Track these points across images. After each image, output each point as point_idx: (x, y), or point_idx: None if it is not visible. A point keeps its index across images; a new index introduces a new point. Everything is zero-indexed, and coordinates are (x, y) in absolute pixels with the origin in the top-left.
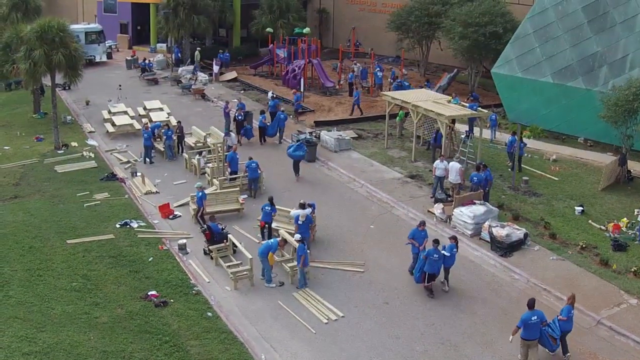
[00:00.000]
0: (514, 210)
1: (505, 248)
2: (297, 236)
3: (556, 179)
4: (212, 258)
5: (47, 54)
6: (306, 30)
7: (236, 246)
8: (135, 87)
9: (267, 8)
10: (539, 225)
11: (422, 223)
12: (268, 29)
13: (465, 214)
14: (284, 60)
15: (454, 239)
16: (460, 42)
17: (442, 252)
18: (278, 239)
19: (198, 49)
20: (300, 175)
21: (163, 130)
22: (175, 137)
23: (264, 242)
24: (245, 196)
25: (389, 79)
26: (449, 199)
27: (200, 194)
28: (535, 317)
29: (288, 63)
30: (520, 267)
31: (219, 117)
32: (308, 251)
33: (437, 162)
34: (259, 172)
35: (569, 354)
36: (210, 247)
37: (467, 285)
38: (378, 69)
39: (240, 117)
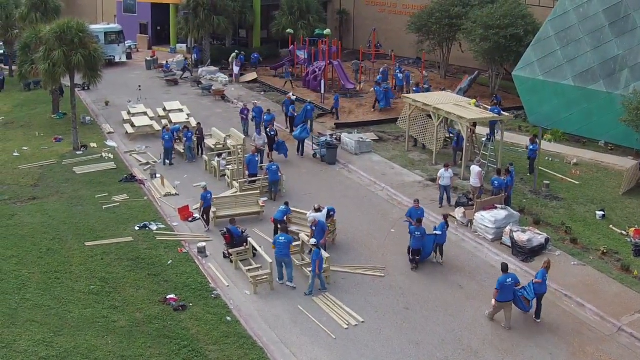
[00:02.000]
0: (535, 214)
1: (527, 253)
2: (313, 241)
3: (577, 183)
4: (231, 262)
5: (66, 54)
6: (326, 31)
7: (256, 250)
8: (155, 87)
9: (287, 9)
10: (560, 230)
11: (417, 201)
12: (288, 30)
13: (486, 219)
14: (304, 61)
15: (444, 217)
16: (481, 45)
17: (434, 232)
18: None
19: (236, 51)
20: (302, 155)
21: (183, 132)
22: (195, 139)
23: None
24: (266, 199)
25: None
26: (469, 202)
27: (208, 195)
28: (510, 280)
29: (308, 64)
30: None
31: (239, 118)
32: (327, 255)
33: (442, 171)
34: (280, 174)
35: (539, 320)
36: (230, 251)
37: (488, 291)
38: (398, 70)
39: (272, 133)
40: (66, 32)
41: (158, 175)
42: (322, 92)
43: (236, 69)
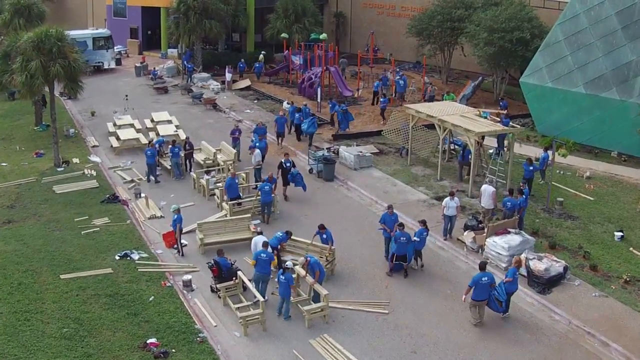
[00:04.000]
0: (550, 236)
1: (544, 284)
2: (289, 263)
3: (591, 198)
4: (219, 297)
5: (44, 65)
6: (323, 36)
7: (246, 284)
8: (143, 96)
9: (282, 12)
10: (578, 255)
11: (390, 207)
12: (283, 35)
13: (499, 245)
14: (300, 67)
15: (423, 223)
16: (486, 49)
17: (413, 238)
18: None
19: (263, 52)
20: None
21: (169, 147)
22: (182, 154)
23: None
24: (258, 222)
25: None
26: (479, 225)
27: (176, 217)
28: (486, 279)
29: (304, 70)
30: (560, 306)
31: (230, 129)
32: (325, 292)
33: (447, 199)
34: (273, 195)
35: (507, 313)
36: (218, 286)
37: (503, 327)
38: (399, 76)
39: (288, 164)
40: (44, 41)
41: (143, 195)
42: (318, 100)
43: (228, 76)
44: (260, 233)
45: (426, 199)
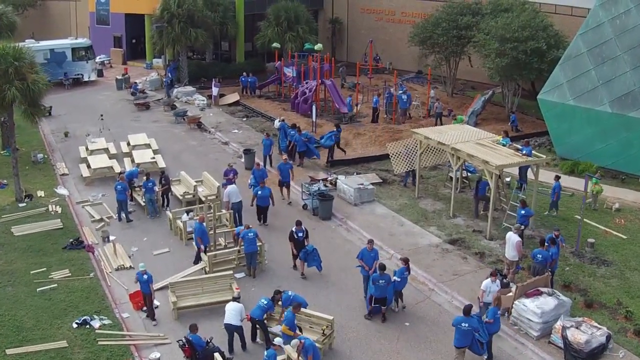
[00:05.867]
0: (584, 290)
1: (584, 358)
2: (278, 340)
3: (624, 237)
4: None
5: None
6: (318, 46)
7: None
8: (123, 112)
9: (273, 19)
10: (618, 314)
11: (370, 241)
12: (275, 45)
13: (530, 310)
14: (293, 80)
15: (405, 261)
16: (497, 61)
17: (393, 277)
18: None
19: (343, 67)
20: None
21: (143, 182)
22: (158, 189)
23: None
24: (242, 275)
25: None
26: (504, 280)
27: (145, 277)
28: (467, 325)
29: (297, 84)
30: None
31: (216, 153)
32: None
33: (487, 282)
34: (259, 244)
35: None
36: None
37: None
38: (402, 90)
39: (300, 235)
40: None
41: (112, 238)
42: (314, 118)
43: (215, 90)
44: (237, 299)
45: (439, 242)
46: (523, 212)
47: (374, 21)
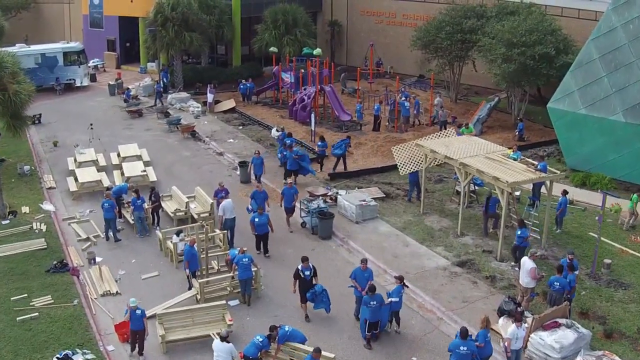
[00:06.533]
0: (602, 317)
1: None
2: None
3: None
4: None
5: None
6: (317, 51)
7: None
8: (115, 120)
9: (270, 22)
10: (639, 344)
11: (364, 261)
12: (272, 49)
13: (547, 344)
14: (291, 86)
15: (400, 279)
16: (504, 66)
17: (390, 298)
18: None
19: (345, 73)
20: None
21: (131, 199)
22: (148, 206)
23: None
24: (237, 303)
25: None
26: (517, 308)
27: (138, 312)
28: (465, 348)
29: (296, 90)
30: None
31: (210, 165)
32: None
33: (513, 329)
34: (254, 269)
35: None
36: None
37: None
38: (404, 97)
39: (307, 273)
40: None
41: (98, 260)
42: (313, 127)
43: (210, 97)
44: (225, 338)
45: (447, 265)
46: (519, 232)
47: (374, 24)
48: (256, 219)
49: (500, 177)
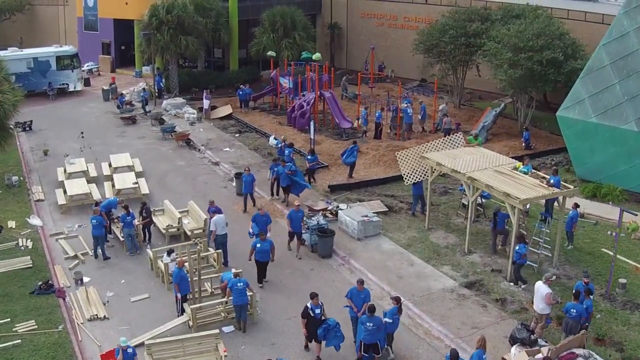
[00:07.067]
0: (619, 343)
1: None
2: None
3: None
4: None
5: None
6: (316, 56)
7: None
8: (108, 127)
9: (268, 25)
10: None
11: (361, 282)
12: (270, 53)
13: None
14: (289, 91)
15: (396, 300)
16: (511, 72)
17: (384, 319)
18: None
19: (346, 75)
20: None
21: (120, 215)
22: (138, 222)
23: None
24: (231, 329)
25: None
26: (531, 336)
27: (130, 351)
28: None
29: (294, 96)
30: None
31: (205, 175)
32: None
33: None
34: (250, 294)
35: None
36: None
37: None
38: (407, 103)
39: (317, 312)
40: None
41: (86, 280)
42: (312, 136)
43: (206, 103)
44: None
45: (454, 286)
46: (518, 248)
47: (375, 26)
48: (258, 245)
49: (512, 194)
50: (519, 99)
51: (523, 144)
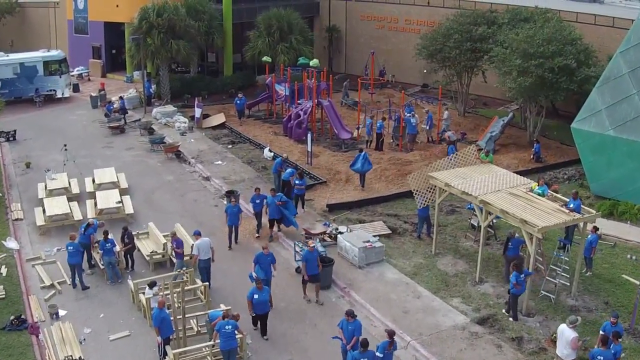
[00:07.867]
0: None
1: None
2: None
3: None
4: None
5: None
6: (314, 62)
7: None
8: (95, 137)
9: (264, 29)
10: None
11: (351, 313)
12: (265, 58)
13: None
14: (286, 99)
15: (389, 334)
16: (520, 80)
17: (377, 353)
18: None
19: (348, 80)
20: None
21: (99, 241)
22: (120, 248)
23: None
24: None
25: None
26: None
27: None
28: None
29: (291, 104)
30: None
31: (194, 192)
32: None
33: None
34: (239, 337)
35: None
36: None
37: None
38: (409, 112)
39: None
40: None
41: (62, 314)
42: (309, 148)
43: (197, 111)
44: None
45: (465, 323)
46: (512, 277)
47: (375, 29)
48: (255, 296)
49: (529, 221)
50: (529, 107)
51: (533, 157)
